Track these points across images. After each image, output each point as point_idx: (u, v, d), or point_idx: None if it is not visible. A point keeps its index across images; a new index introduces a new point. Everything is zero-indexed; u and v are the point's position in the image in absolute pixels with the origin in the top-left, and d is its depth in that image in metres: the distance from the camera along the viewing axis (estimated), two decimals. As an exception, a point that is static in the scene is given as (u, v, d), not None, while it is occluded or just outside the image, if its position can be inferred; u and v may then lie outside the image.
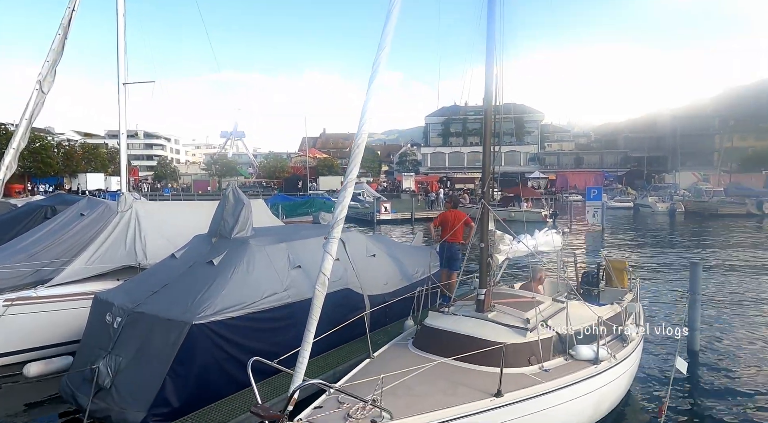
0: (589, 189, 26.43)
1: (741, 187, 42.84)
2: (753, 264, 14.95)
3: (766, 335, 7.95)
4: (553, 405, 4.21)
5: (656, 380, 6.09)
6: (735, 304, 9.92)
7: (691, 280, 7.35)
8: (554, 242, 6.37)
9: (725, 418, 5.23)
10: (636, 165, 70.06)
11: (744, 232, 24.74)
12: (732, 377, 6.25)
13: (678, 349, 6.24)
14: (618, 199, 43.41)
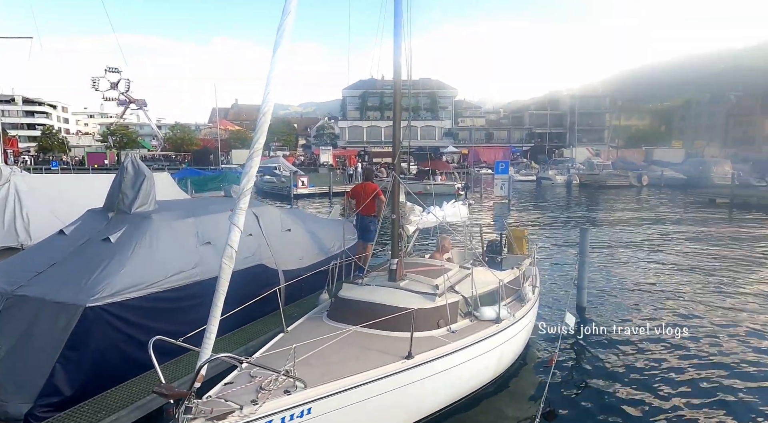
0: (497, 163, 27.98)
1: (625, 161, 47.93)
2: (634, 230, 16.92)
3: (643, 290, 9.10)
4: (460, 363, 4.52)
5: (550, 334, 6.74)
6: (618, 264, 11.21)
7: (580, 243, 8.15)
8: (461, 213, 6.71)
9: (606, 364, 5.95)
10: (539, 141, 75.25)
11: (626, 201, 27.85)
12: (613, 328, 7.08)
13: (568, 305, 6.96)
14: (523, 172, 46.52)
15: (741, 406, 4.96)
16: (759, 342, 6.64)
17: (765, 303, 8.37)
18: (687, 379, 5.45)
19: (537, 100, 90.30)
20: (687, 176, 37.43)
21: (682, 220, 19.38)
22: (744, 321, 7.43)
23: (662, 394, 5.16)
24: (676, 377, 5.50)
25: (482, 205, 25.12)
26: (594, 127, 78.38)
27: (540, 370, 5.74)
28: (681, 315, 7.67)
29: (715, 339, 6.69)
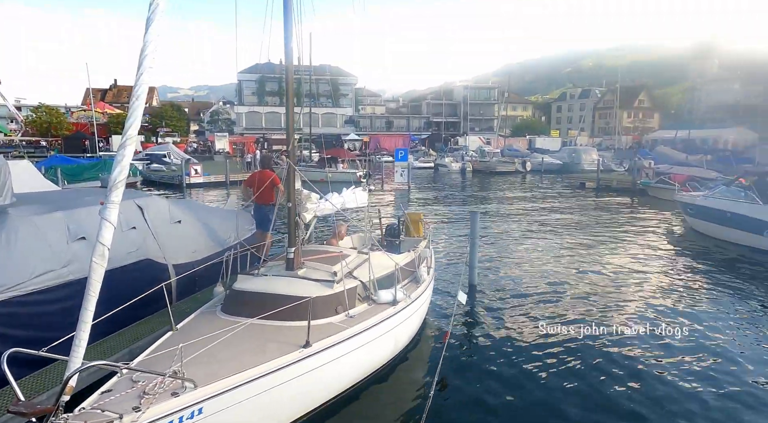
0: (397, 150, 28.78)
1: (512, 149, 51.92)
2: (520, 212, 18.51)
3: (528, 266, 10.02)
4: (358, 346, 4.63)
5: (444, 311, 7.18)
6: (506, 243, 12.21)
7: (471, 225, 8.73)
8: (360, 199, 6.81)
9: (495, 334, 6.49)
10: (436, 129, 78.61)
11: (513, 186, 30.32)
12: (501, 302, 7.76)
13: (460, 284, 7.45)
14: (422, 160, 48.30)
15: (612, 365, 5.67)
16: (625, 307, 7.68)
17: (630, 272, 9.69)
18: (565, 347, 6.07)
19: (433, 90, 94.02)
20: (562, 162, 41.65)
21: (559, 201, 21.63)
22: (613, 291, 8.53)
23: (544, 361, 5.70)
24: (556, 346, 6.12)
25: (383, 192, 25.68)
26: (485, 117, 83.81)
27: (435, 345, 6.09)
28: (560, 288, 8.57)
29: (588, 307, 7.59)
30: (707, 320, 7.06)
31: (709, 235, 12.95)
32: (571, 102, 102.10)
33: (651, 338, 6.35)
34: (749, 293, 8.47)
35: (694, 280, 9.28)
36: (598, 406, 4.80)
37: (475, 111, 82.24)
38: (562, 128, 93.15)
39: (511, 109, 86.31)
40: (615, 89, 68.66)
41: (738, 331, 6.72)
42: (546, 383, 5.20)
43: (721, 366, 5.64)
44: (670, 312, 7.39)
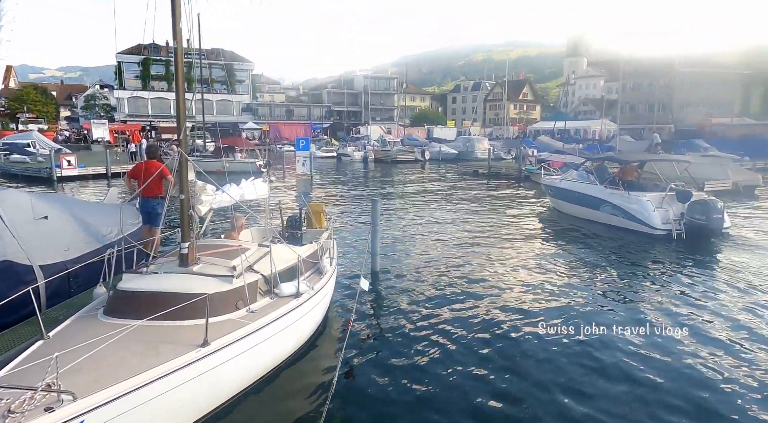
0: (298, 140, 28.19)
1: (412, 138, 53.58)
2: (420, 198, 19.24)
3: (428, 251, 10.46)
4: (260, 342, 4.52)
5: (348, 300, 7.27)
6: (407, 230, 12.63)
7: (372, 213, 8.89)
8: (260, 191, 6.60)
9: (399, 318, 6.70)
10: (338, 118, 78.35)
11: (413, 174, 31.41)
12: (404, 287, 8.03)
13: (362, 271, 7.58)
14: (324, 149, 47.93)
15: (514, 344, 6.09)
16: (516, 286, 8.36)
17: (515, 252, 10.57)
18: (466, 329, 6.38)
19: (334, 79, 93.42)
20: (458, 151, 44.01)
21: (455, 188, 22.87)
22: (502, 270, 9.24)
23: (447, 344, 5.96)
24: (458, 327, 6.44)
25: (285, 182, 25.11)
26: (385, 107, 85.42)
27: (339, 334, 6.15)
28: (459, 271, 9.08)
29: (488, 288, 8.13)
30: (571, 286, 8.01)
31: (565, 213, 14.88)
32: (465, 94, 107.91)
33: (545, 312, 7.01)
34: (595, 257, 9.97)
35: (561, 251, 10.60)
36: (500, 385, 5.00)
37: (375, 101, 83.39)
38: (457, 119, 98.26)
39: (409, 100, 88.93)
40: (503, 83, 73.92)
41: (591, 292, 7.69)
42: (449, 366, 5.35)
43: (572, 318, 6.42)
44: (554, 284, 8.23)
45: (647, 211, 11.56)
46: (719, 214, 10.94)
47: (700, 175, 19.63)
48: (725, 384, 4.97)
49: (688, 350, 5.71)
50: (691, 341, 5.95)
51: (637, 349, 5.73)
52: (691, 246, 10.68)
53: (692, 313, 6.90)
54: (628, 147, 35.11)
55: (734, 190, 19.22)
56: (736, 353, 5.64)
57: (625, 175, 13.18)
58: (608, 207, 12.72)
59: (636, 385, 4.96)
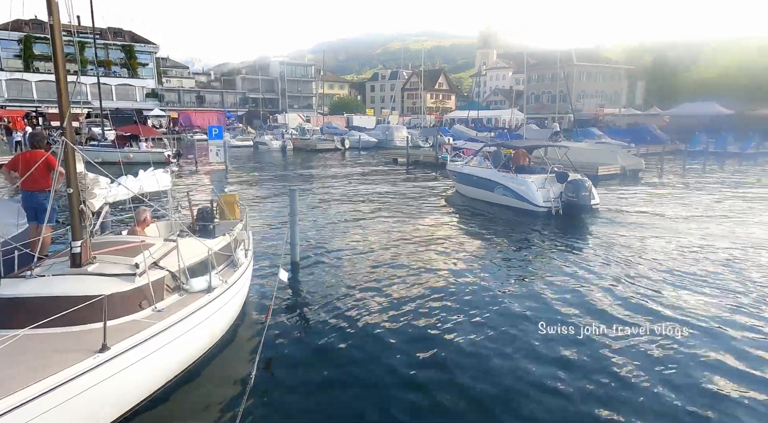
0: (210, 128, 26.65)
1: (331, 126, 53.13)
2: (340, 187, 19.16)
3: (348, 240, 10.45)
4: (169, 342, 4.27)
5: (266, 292, 7.09)
6: (327, 219, 12.54)
7: (290, 204, 8.69)
8: (162, 182, 6.16)
9: (319, 308, 6.65)
10: (254, 106, 75.39)
11: (333, 162, 31.22)
12: (324, 276, 7.98)
13: (282, 262, 7.42)
14: (239, 138, 46.00)
15: (435, 328, 6.34)
16: (435, 270, 8.63)
17: (429, 236, 10.91)
18: (387, 316, 6.46)
19: (248, 64, 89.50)
20: (378, 140, 44.41)
21: (375, 176, 23.08)
22: (419, 255, 9.50)
23: (369, 332, 5.97)
24: (379, 315, 6.50)
25: (198, 173, 23.76)
26: (303, 94, 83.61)
27: (257, 328, 5.99)
28: (379, 258, 9.18)
29: (405, 274, 8.31)
30: (476, 262, 8.51)
31: (467, 196, 15.99)
32: (383, 82, 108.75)
33: (467, 291, 7.34)
34: (491, 233, 11.41)
35: (465, 231, 11.75)
36: (424, 373, 4.99)
37: (292, 88, 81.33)
38: (376, 107, 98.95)
39: (328, 88, 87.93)
40: (419, 72, 75.45)
41: (490, 265, 8.24)
42: (371, 356, 5.34)
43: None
44: (462, 262, 8.66)
45: (531, 191, 12.85)
46: (587, 191, 12.32)
47: (594, 161, 21.65)
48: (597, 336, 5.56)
49: (562, 305, 6.32)
50: (561, 297, 6.82)
51: (526, 310, 6.40)
52: (566, 221, 12.20)
53: (564, 278, 7.90)
54: (534, 135, 37.60)
55: (622, 174, 21.39)
56: (605, 315, 6.32)
57: (517, 160, 14.43)
58: (501, 188, 13.95)
59: (522, 332, 5.39)
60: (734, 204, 14.92)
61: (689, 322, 6.09)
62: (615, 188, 18.32)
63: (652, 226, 11.65)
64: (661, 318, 6.23)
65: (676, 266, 8.41)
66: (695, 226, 11.62)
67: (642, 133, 37.13)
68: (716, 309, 6.56)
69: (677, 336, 5.70)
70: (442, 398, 4.56)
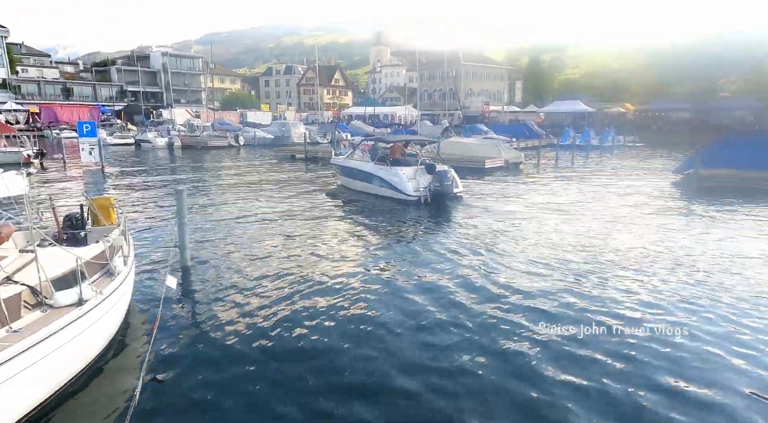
0: (80, 124, 23.72)
1: (223, 123, 50.49)
2: (235, 186, 18.28)
3: (244, 240, 9.99)
4: (28, 366, 3.74)
5: (152, 300, 6.54)
6: (222, 220, 11.88)
7: (177, 205, 8.09)
8: (13, 187, 5.35)
9: (211, 315, 6.26)
10: (134, 99, 68.92)
11: (227, 160, 29.71)
12: (217, 281, 7.54)
13: (170, 268, 6.89)
14: (118, 135, 41.82)
15: (328, 330, 6.30)
16: (322, 267, 8.59)
17: (323, 231, 10.88)
18: (281, 323, 6.18)
19: (125, 53, 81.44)
20: (274, 136, 43.16)
21: (272, 173, 22.41)
22: (312, 253, 9.40)
23: (264, 336, 5.71)
24: (275, 317, 6.26)
25: (67, 175, 21.13)
26: (191, 88, 78.31)
27: (142, 340, 5.51)
28: (272, 259, 8.90)
29: (300, 272, 8.17)
30: (360, 250, 8.75)
31: (350, 188, 16.65)
32: (278, 77, 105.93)
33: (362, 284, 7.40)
34: (372, 221, 12.36)
35: (349, 221, 12.31)
36: (323, 378, 4.84)
37: (178, 81, 75.72)
38: (272, 102, 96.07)
39: (219, 82, 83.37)
40: (315, 68, 74.68)
41: (370, 251, 8.55)
42: (267, 362, 5.11)
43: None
44: (348, 251, 8.79)
45: (403, 182, 13.91)
46: (449, 181, 13.61)
47: (482, 155, 23.29)
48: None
49: (431, 281, 6.82)
50: (422, 271, 7.59)
51: (406, 290, 6.87)
52: (434, 208, 13.46)
53: (431, 258, 8.87)
54: (427, 131, 39.24)
55: (506, 167, 23.26)
56: (468, 282, 6.89)
57: (393, 153, 15.43)
58: (377, 180, 14.85)
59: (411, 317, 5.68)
60: (588, 191, 17.01)
61: (524, 299, 6.74)
62: (499, 179, 19.88)
63: (508, 212, 12.98)
64: (489, 294, 6.98)
65: (513, 246, 9.53)
66: (542, 210, 13.21)
67: (522, 129, 40.64)
68: (542, 285, 7.32)
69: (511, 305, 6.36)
70: (341, 403, 4.52)
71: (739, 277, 7.65)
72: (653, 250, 9.15)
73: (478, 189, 17.06)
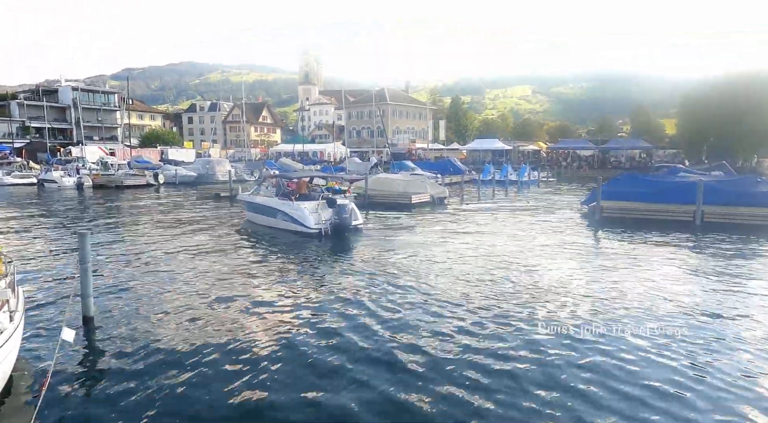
0: (-31, 163, 21.44)
1: (141, 160, 47.94)
2: (152, 227, 17.19)
3: (158, 286, 9.31)
4: None
5: (43, 357, 5.88)
6: (133, 264, 11.06)
7: (80, 250, 7.45)
8: None
9: (113, 369, 5.71)
10: (38, 136, 63.71)
11: (145, 200, 28.00)
12: (123, 331, 6.93)
13: (68, 319, 6.26)
14: (16, 174, 38.21)
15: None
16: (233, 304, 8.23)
17: (233, 269, 10.49)
18: (193, 370, 5.89)
19: (29, 87, 75.68)
20: (197, 174, 41.61)
21: (193, 213, 21.39)
22: (227, 294, 9.00)
23: (170, 394, 5.32)
24: (184, 370, 5.86)
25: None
26: (105, 125, 73.93)
27: (29, 401, 4.90)
28: (183, 301, 8.41)
29: (207, 317, 7.76)
30: (260, 282, 8.60)
31: (256, 223, 16.96)
32: (202, 114, 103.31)
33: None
34: (274, 255, 12.72)
35: (254, 256, 12.38)
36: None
37: (91, 117, 71.23)
38: (196, 140, 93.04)
39: (137, 118, 79.61)
40: (242, 105, 73.82)
41: (268, 283, 8.45)
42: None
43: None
44: (252, 286, 8.55)
45: (305, 216, 14.56)
46: (347, 213, 14.47)
47: (409, 190, 23.97)
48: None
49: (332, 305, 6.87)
50: (328, 299, 7.64)
51: (307, 315, 6.66)
52: (333, 239, 14.11)
53: (330, 283, 9.65)
54: (356, 167, 39.85)
55: (432, 202, 24.09)
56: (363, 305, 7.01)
57: (299, 189, 16.14)
58: (281, 214, 15.40)
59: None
60: (503, 222, 18.06)
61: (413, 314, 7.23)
62: (424, 213, 20.51)
63: (406, 243, 13.68)
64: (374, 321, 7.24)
65: (407, 271, 10.12)
66: (443, 241, 14.05)
67: (446, 165, 42.50)
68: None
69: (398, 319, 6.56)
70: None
71: (626, 301, 8.38)
72: (557, 279, 9.82)
73: (398, 222, 17.85)
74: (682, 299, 8.40)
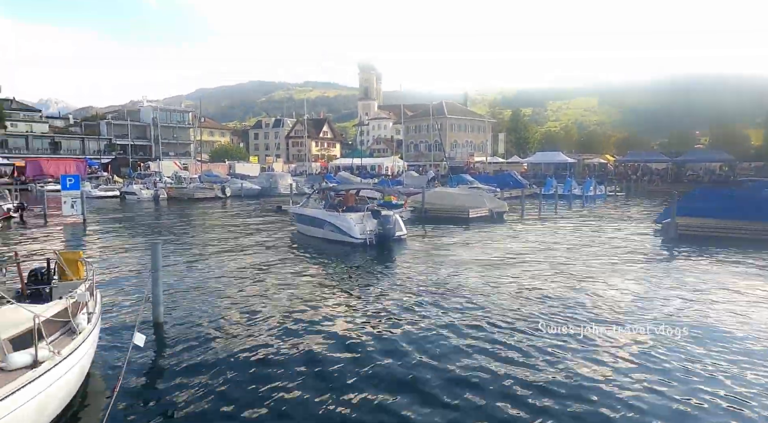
0: (63, 177, 23.70)
1: (211, 174, 50.79)
2: (220, 238, 18.10)
3: (225, 293, 9.72)
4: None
5: (116, 360, 6.26)
6: (202, 272, 11.64)
7: (152, 258, 7.95)
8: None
9: (181, 376, 5.96)
10: (122, 152, 69.52)
11: (213, 212, 29.61)
12: (192, 338, 7.24)
13: (139, 324, 6.65)
14: (102, 187, 41.75)
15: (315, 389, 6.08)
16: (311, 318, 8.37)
17: (306, 279, 10.68)
18: (263, 376, 6.07)
19: (116, 108, 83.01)
20: (261, 187, 43.41)
21: (257, 224, 22.28)
22: (291, 306, 9.19)
23: (236, 404, 5.50)
24: (251, 382, 6.01)
25: (45, 229, 20.79)
26: (180, 141, 79.40)
27: (101, 404, 5.21)
28: (258, 312, 8.69)
29: (278, 325, 7.96)
30: (318, 291, 8.64)
31: (304, 234, 17.71)
32: (267, 130, 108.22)
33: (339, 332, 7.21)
34: (324, 263, 13.59)
35: (308, 266, 12.95)
36: None
37: (167, 134, 76.80)
38: (261, 154, 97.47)
39: (208, 135, 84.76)
40: (304, 121, 76.57)
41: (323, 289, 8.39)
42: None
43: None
44: (307, 294, 8.61)
45: (351, 226, 15.23)
46: (392, 225, 15.18)
47: (466, 205, 23.57)
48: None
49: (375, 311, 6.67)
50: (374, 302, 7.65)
51: (353, 321, 6.67)
52: (378, 249, 14.78)
53: (381, 291, 10.12)
54: (413, 181, 39.84)
55: (490, 216, 23.49)
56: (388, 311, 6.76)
57: (346, 201, 16.89)
58: (328, 225, 16.06)
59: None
60: (569, 239, 17.17)
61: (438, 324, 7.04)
62: (482, 227, 20.04)
63: (446, 256, 13.79)
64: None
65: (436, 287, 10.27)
66: (500, 259, 13.45)
67: (506, 179, 41.47)
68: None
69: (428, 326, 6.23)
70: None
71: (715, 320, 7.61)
72: (629, 298, 9.14)
73: (452, 234, 17.71)
74: (775, 328, 7.53)
